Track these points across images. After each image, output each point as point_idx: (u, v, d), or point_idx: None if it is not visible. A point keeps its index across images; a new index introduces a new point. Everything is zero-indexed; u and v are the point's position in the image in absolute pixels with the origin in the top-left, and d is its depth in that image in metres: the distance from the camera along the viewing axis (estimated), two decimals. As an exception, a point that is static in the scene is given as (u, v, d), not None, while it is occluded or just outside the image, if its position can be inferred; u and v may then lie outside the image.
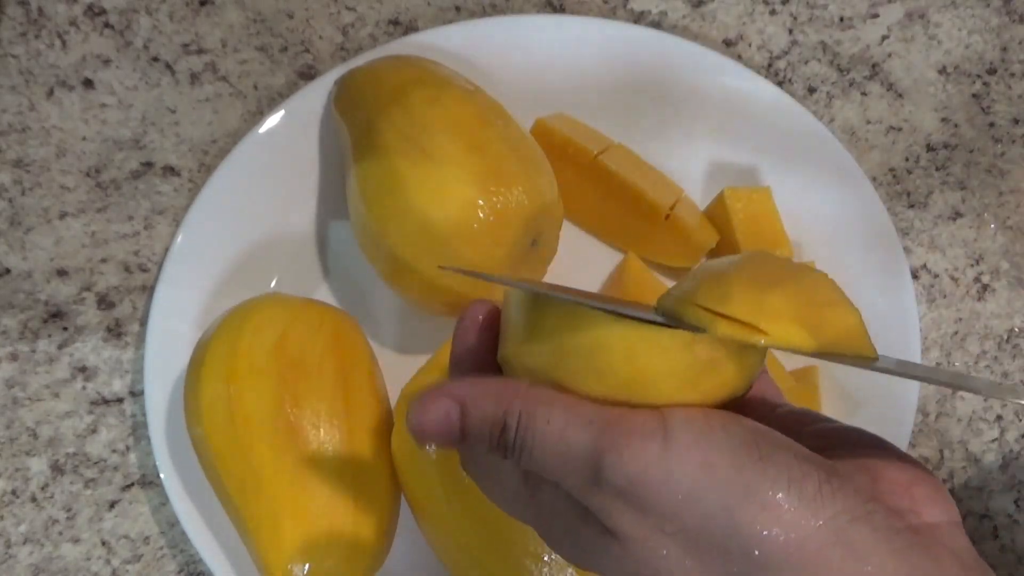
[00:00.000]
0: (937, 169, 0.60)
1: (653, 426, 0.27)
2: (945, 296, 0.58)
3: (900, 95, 0.61)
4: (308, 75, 0.60)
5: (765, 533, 0.26)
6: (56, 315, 0.56)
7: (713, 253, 0.56)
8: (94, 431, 0.55)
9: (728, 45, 0.62)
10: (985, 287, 0.58)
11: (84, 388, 0.55)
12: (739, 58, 0.61)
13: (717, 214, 0.56)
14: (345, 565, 0.45)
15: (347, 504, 0.46)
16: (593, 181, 0.56)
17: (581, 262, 0.57)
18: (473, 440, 0.30)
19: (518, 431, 0.29)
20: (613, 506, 0.28)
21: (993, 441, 0.55)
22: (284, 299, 0.51)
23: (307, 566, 0.45)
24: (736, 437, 0.27)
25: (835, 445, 0.30)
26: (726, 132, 0.58)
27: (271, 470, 0.46)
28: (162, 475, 0.52)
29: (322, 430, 0.47)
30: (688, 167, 0.58)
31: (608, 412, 0.28)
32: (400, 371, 0.50)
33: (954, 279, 0.58)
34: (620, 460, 0.27)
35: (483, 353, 0.33)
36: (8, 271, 0.57)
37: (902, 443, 0.52)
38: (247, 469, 0.46)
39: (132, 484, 0.54)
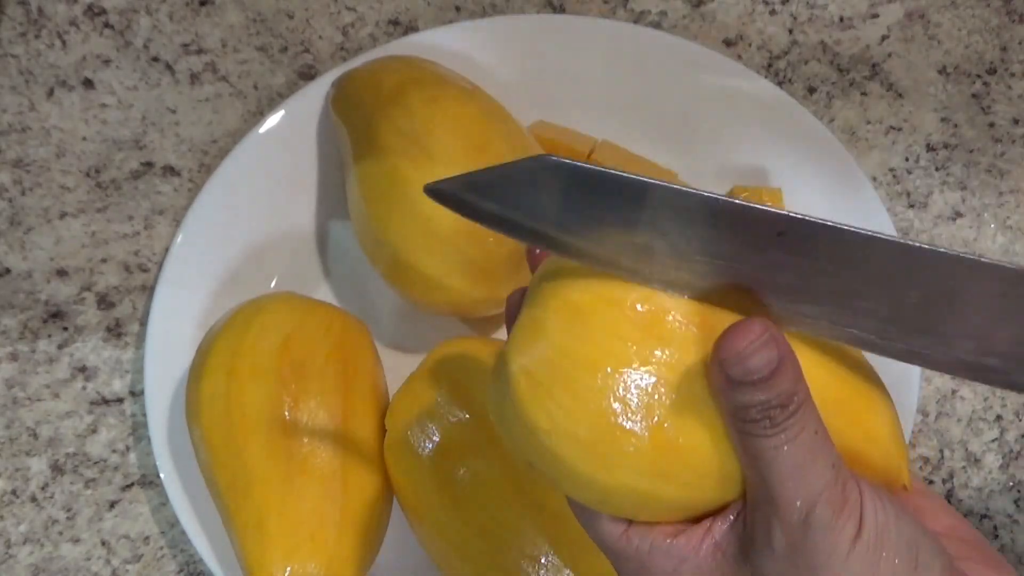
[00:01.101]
0: (937, 169, 0.60)
1: (853, 515, 0.29)
2: (945, 296, 0.58)
3: (900, 95, 0.61)
4: (308, 75, 0.60)
5: None
6: (56, 315, 0.56)
7: None
8: (94, 431, 0.55)
9: (728, 45, 0.62)
10: (985, 287, 0.58)
11: (84, 388, 0.55)
12: (739, 58, 0.61)
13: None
14: (328, 570, 0.45)
15: (335, 510, 0.46)
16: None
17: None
18: (762, 396, 0.29)
19: (793, 417, 0.29)
20: (789, 546, 0.29)
21: (993, 441, 0.55)
22: (294, 300, 0.51)
23: (288, 569, 0.45)
24: (904, 545, 0.29)
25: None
26: (726, 132, 0.58)
27: (262, 471, 0.46)
28: (162, 475, 0.52)
29: (317, 435, 0.47)
30: (687, 167, 0.58)
31: (843, 467, 0.29)
32: (400, 371, 0.50)
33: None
34: (820, 529, 0.29)
35: None
36: (8, 271, 0.57)
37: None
38: (239, 468, 0.46)
39: (132, 484, 0.54)
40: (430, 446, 0.46)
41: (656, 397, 0.29)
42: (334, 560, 0.45)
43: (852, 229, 0.28)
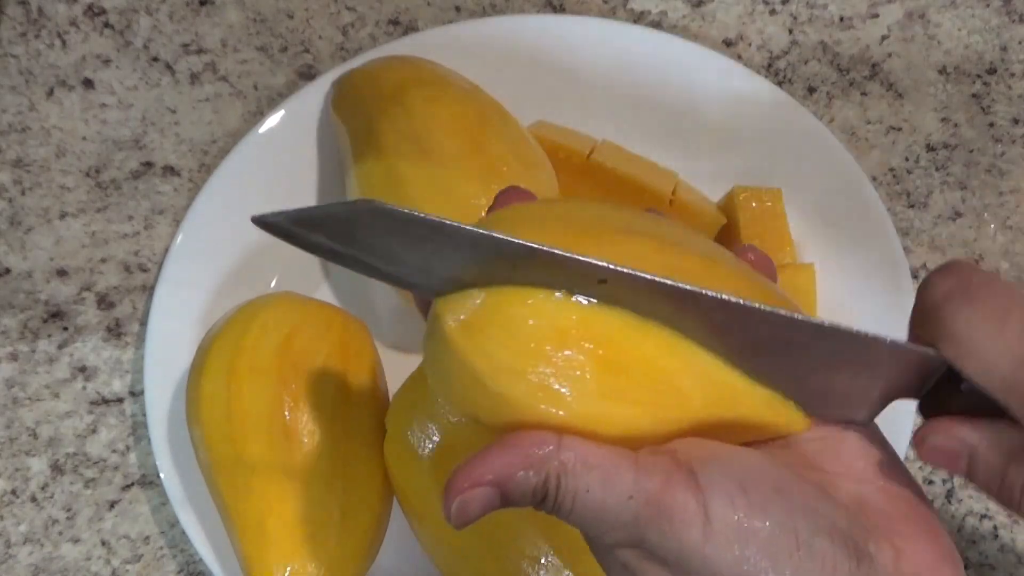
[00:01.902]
0: (937, 169, 0.60)
1: (694, 509, 0.28)
2: (945, 296, 0.58)
3: (900, 95, 0.61)
4: (308, 75, 0.60)
5: None
6: (56, 315, 0.56)
7: (719, 238, 0.56)
8: (94, 431, 0.55)
9: (728, 45, 0.62)
10: (985, 287, 0.58)
11: (84, 388, 0.55)
12: (739, 58, 0.61)
13: (724, 211, 0.56)
14: (328, 570, 0.45)
15: (335, 510, 0.46)
16: (590, 182, 0.56)
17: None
18: (515, 505, 0.30)
19: (557, 496, 0.29)
20: (652, 568, 0.29)
21: (993, 441, 0.55)
22: (294, 299, 0.51)
23: (288, 569, 0.45)
24: (776, 524, 0.28)
25: (874, 507, 0.31)
26: (726, 132, 0.58)
27: (262, 471, 0.46)
28: (162, 475, 0.52)
29: (317, 435, 0.47)
30: (687, 167, 0.58)
31: (647, 485, 0.29)
32: (400, 371, 0.50)
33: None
34: (663, 541, 0.28)
35: None
36: (8, 271, 0.57)
37: (902, 444, 0.52)
38: (239, 468, 0.46)
39: (132, 484, 0.54)
40: (430, 446, 0.46)
41: (591, 318, 0.29)
42: (334, 560, 0.45)
43: (673, 284, 0.29)
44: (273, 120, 0.56)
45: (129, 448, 0.55)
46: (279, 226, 0.30)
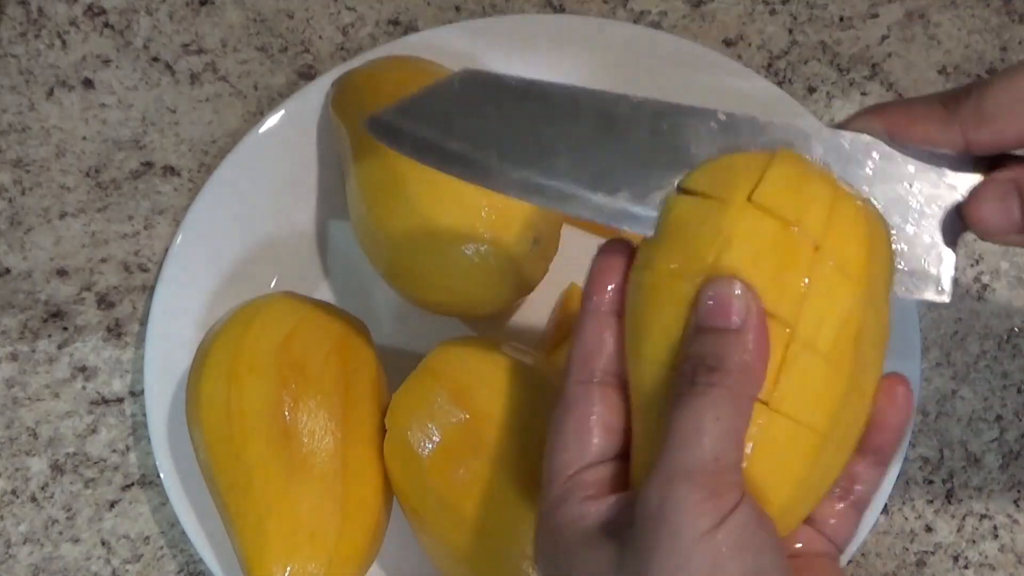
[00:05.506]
0: (937, 169, 0.60)
1: (715, 512, 0.28)
2: (945, 296, 0.58)
3: (900, 95, 0.61)
4: (308, 75, 0.60)
5: None
6: (56, 315, 0.56)
7: None
8: (94, 431, 0.55)
9: (728, 45, 0.62)
10: (985, 287, 0.58)
11: (84, 388, 0.55)
12: (739, 58, 0.61)
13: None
14: (328, 570, 0.45)
15: (335, 510, 0.46)
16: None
17: (583, 261, 0.57)
18: None
19: (709, 386, 0.29)
20: (643, 518, 0.29)
21: (993, 441, 0.55)
22: (294, 300, 0.51)
23: (288, 569, 0.45)
24: (754, 571, 0.28)
25: None
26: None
27: (262, 471, 0.46)
28: (162, 475, 0.52)
29: (317, 435, 0.47)
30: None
31: (732, 472, 0.29)
32: (400, 371, 0.50)
33: (954, 279, 0.58)
34: (674, 508, 0.28)
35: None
36: (8, 271, 0.57)
37: (902, 443, 0.52)
38: (239, 468, 0.46)
39: (132, 484, 0.54)
40: (430, 446, 0.46)
41: None
42: (334, 560, 0.45)
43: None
44: (273, 120, 0.56)
45: (129, 448, 0.55)
46: (387, 122, 0.33)
